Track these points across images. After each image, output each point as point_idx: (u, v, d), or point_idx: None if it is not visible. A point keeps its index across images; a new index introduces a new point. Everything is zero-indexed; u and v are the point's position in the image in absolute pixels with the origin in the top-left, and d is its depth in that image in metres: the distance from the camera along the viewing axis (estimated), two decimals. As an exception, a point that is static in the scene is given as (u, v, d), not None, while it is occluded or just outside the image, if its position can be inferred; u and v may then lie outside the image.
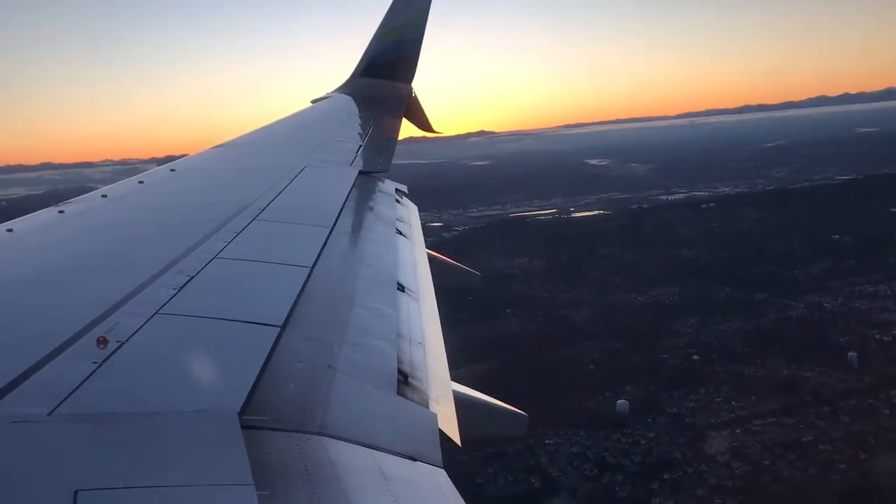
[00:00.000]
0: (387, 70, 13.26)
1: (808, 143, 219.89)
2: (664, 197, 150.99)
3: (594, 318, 73.45)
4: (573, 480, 48.38)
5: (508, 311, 77.19)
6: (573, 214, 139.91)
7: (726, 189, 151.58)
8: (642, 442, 51.57)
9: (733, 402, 55.69)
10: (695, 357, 64.09)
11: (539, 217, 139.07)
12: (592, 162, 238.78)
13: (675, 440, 51.24)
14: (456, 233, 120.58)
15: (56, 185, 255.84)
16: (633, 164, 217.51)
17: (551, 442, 51.88)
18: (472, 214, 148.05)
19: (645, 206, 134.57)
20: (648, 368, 61.95)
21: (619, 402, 56.38)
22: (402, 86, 13.22)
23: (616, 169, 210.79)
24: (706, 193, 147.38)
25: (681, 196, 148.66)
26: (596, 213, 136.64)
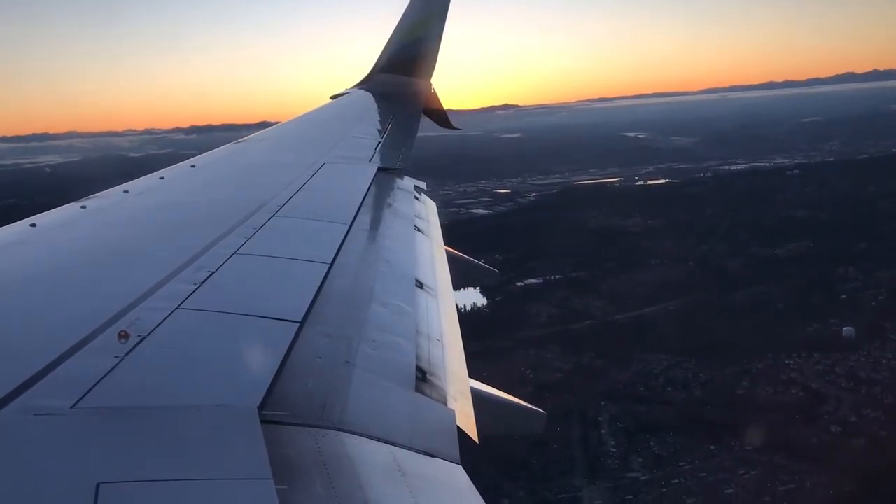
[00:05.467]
0: (406, 66, 13.26)
1: (846, 118, 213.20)
2: (726, 167, 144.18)
3: (748, 267, 73.62)
4: (835, 391, 50.59)
5: (654, 261, 78.01)
6: (648, 182, 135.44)
7: (785, 160, 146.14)
8: (883, 361, 53.35)
9: (956, 329, 57.17)
10: (881, 297, 64.58)
11: (610, 184, 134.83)
12: (630, 135, 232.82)
13: (918, 358, 53.17)
14: (532, 199, 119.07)
15: (88, 153, 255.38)
16: (675, 137, 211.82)
17: (792, 363, 54.37)
18: (535, 182, 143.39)
19: (715, 174, 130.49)
20: (842, 305, 62.98)
21: (844, 328, 57.54)
22: (421, 82, 13.22)
23: (659, 141, 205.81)
24: (767, 164, 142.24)
25: (743, 166, 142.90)
26: (666, 181, 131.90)
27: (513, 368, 55.49)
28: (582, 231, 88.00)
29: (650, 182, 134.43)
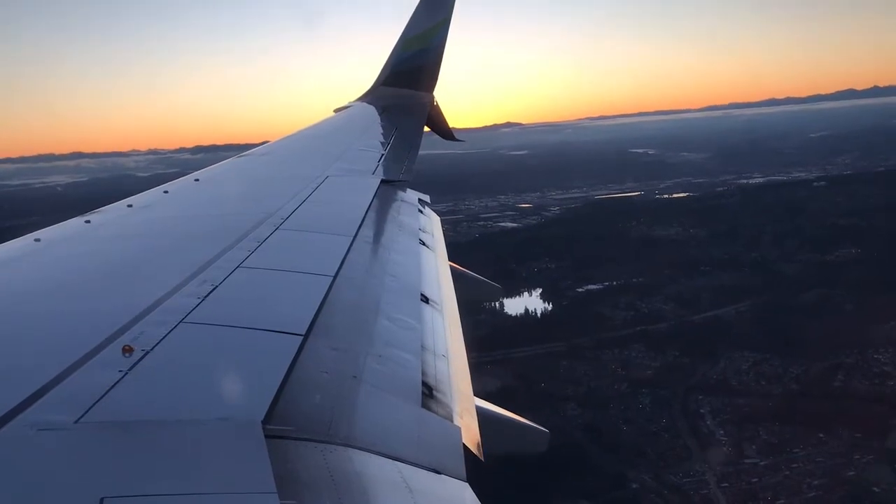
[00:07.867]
0: (409, 79, 13.34)
1: (854, 133, 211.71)
2: (743, 181, 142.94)
3: (805, 271, 73.94)
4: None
5: (707, 268, 78.60)
6: (672, 195, 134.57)
7: (802, 174, 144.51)
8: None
9: None
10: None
11: (632, 198, 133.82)
12: (639, 151, 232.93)
13: None
14: (557, 212, 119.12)
15: (96, 173, 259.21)
16: (685, 154, 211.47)
17: (881, 357, 55.55)
18: (555, 197, 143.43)
19: (738, 187, 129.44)
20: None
21: None
22: (424, 94, 13.29)
23: (670, 157, 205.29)
24: (785, 178, 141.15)
25: (761, 180, 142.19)
26: (687, 194, 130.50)
27: (602, 366, 57.10)
28: (625, 240, 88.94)
29: (674, 195, 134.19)
